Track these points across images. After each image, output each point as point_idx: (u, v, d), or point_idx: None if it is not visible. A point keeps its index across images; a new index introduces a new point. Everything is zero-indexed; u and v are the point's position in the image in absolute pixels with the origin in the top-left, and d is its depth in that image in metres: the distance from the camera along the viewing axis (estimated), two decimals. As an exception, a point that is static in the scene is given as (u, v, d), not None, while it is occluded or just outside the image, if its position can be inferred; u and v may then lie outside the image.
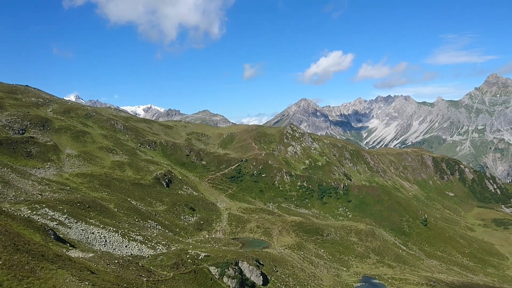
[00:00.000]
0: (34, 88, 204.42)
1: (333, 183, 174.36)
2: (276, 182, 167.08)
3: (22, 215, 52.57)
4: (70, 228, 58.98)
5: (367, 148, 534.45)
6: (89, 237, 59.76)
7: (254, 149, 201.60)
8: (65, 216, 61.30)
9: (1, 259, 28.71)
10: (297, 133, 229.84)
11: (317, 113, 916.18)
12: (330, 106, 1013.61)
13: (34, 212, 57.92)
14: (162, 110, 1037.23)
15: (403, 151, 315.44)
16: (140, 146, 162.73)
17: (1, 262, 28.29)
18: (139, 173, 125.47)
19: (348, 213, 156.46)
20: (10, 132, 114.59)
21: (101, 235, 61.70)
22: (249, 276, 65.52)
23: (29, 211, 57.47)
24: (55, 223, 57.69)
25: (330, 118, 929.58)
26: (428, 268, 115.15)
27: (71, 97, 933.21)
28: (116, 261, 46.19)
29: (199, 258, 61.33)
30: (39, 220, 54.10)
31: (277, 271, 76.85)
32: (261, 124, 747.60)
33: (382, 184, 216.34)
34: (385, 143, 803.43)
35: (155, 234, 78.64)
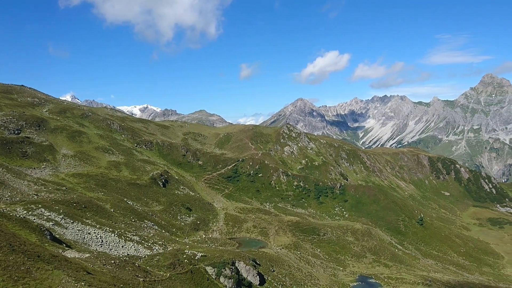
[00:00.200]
0: (30, 88, 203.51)
1: (329, 183, 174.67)
2: (273, 182, 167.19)
3: (17, 215, 52.35)
4: (66, 229, 58.78)
5: (363, 148, 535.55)
6: (86, 237, 59.57)
7: (250, 149, 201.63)
8: (61, 217, 61.06)
9: (-4, 260, 28.59)
10: (294, 133, 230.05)
11: (314, 113, 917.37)
12: (326, 106, 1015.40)
13: (30, 213, 57.68)
14: (158, 110, 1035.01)
15: (399, 150, 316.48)
16: (136, 146, 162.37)
17: (-4, 263, 28.17)
18: (136, 173, 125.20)
19: (344, 212, 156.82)
20: (6, 132, 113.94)
21: (98, 236, 61.52)
22: (245, 276, 65.55)
23: (24, 212, 57.22)
24: (51, 223, 57.48)
25: (326, 118, 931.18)
26: (424, 267, 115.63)
27: (67, 97, 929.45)
28: (113, 261, 46.09)
29: (196, 258, 61.29)
30: (35, 221, 53.88)
31: (273, 271, 76.94)
32: (257, 124, 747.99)
33: (379, 184, 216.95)
34: (381, 143, 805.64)
35: (151, 234, 78.51)
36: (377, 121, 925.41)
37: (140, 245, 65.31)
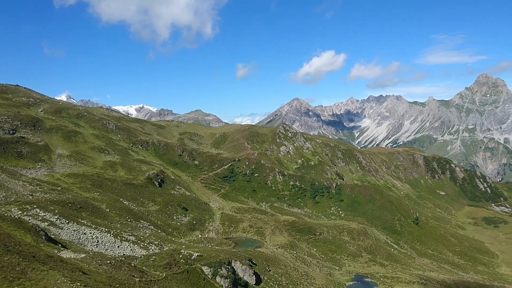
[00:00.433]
0: (25, 87, 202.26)
1: (325, 183, 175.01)
2: (269, 181, 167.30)
3: (12, 216, 52.10)
4: (61, 229, 58.55)
5: (359, 148, 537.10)
6: (81, 237, 59.37)
7: (246, 148, 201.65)
8: (56, 217, 60.82)
9: (-9, 260, 28.49)
10: (290, 132, 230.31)
11: (310, 112, 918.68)
12: (322, 106, 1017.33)
13: (25, 213, 57.42)
14: (154, 110, 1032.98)
15: (394, 150, 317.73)
16: (132, 146, 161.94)
17: (-9, 263, 28.07)
18: (132, 173, 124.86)
19: (340, 212, 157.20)
20: (0, 132, 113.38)
21: (93, 236, 61.32)
22: (242, 275, 65.57)
23: (19, 212, 56.95)
24: (46, 223, 57.24)
25: (322, 117, 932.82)
26: (419, 266, 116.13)
27: (62, 96, 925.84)
28: (108, 261, 45.99)
29: (192, 258, 61.25)
30: (30, 221, 53.65)
31: (270, 271, 77.01)
32: (253, 123, 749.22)
33: (374, 183, 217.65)
34: (377, 143, 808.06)
35: (147, 234, 78.36)
36: (372, 121, 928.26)
37: (136, 245, 65.15)
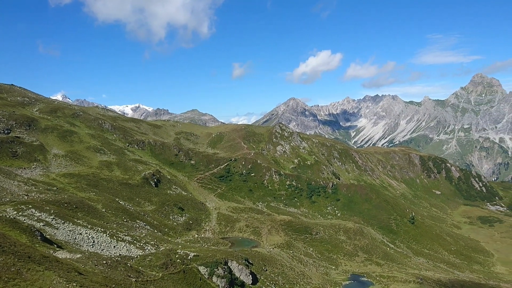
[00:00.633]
0: (20, 87, 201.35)
1: (321, 182, 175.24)
2: (265, 181, 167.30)
3: (7, 216, 51.78)
4: (57, 229, 58.27)
5: (355, 147, 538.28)
6: (77, 237, 59.12)
7: (243, 148, 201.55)
8: (52, 217, 60.53)
9: (-14, 261, 28.30)
10: (286, 132, 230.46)
11: (306, 112, 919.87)
12: (318, 106, 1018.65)
13: (20, 213, 57.09)
14: (150, 109, 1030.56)
15: (390, 150, 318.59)
16: (128, 146, 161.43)
17: (-14, 264, 27.88)
18: (127, 173, 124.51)
19: (336, 211, 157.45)
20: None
21: (89, 236, 61.09)
22: (238, 275, 65.53)
23: (15, 212, 56.62)
24: (41, 224, 56.94)
25: (318, 117, 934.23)
26: (415, 265, 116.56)
27: (57, 96, 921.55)
28: (104, 261, 45.81)
29: (188, 258, 61.15)
30: (25, 221, 53.35)
31: (266, 270, 77.02)
32: (250, 123, 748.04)
33: (370, 183, 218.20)
34: (373, 142, 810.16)
35: (143, 234, 78.15)
36: (369, 120, 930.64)
37: (132, 245, 64.97)
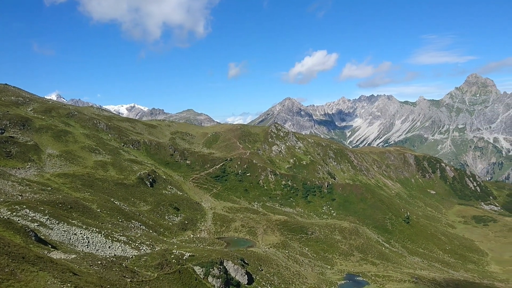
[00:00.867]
0: (14, 86, 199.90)
1: (317, 182, 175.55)
2: (261, 181, 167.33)
3: (1, 216, 51.48)
4: (51, 229, 57.98)
5: (350, 147, 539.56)
6: (72, 238, 58.85)
7: (238, 148, 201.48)
8: (46, 217, 60.20)
9: (-20, 262, 28.11)
10: (282, 132, 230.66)
11: (302, 112, 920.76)
12: (314, 105, 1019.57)
13: (14, 214, 56.73)
14: (145, 109, 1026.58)
15: (386, 150, 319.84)
16: (123, 146, 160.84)
17: (-20, 265, 27.70)
18: (123, 173, 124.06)
19: (332, 211, 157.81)
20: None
21: (84, 236, 60.83)
22: (234, 275, 65.53)
23: (9, 213, 56.26)
24: (36, 224, 56.63)
25: (314, 117, 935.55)
26: (410, 265, 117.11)
27: (52, 96, 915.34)
28: (99, 262, 45.66)
29: (184, 258, 61.05)
30: (19, 222, 53.03)
31: (262, 270, 77.06)
32: (245, 123, 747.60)
33: (366, 183, 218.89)
34: (368, 142, 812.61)
35: (139, 235, 77.94)
36: (364, 120, 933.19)
37: (127, 245, 64.77)
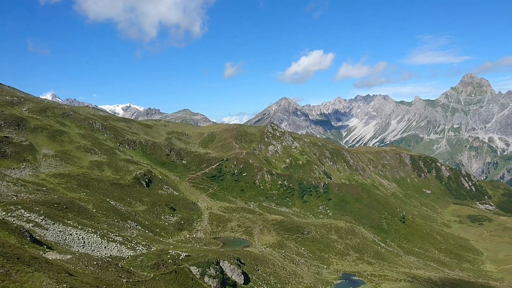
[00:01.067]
0: (8, 86, 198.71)
1: (313, 182, 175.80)
2: (257, 181, 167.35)
3: (-4, 217, 51.19)
4: (47, 230, 57.71)
5: (346, 147, 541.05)
6: (67, 238, 58.61)
7: (235, 148, 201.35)
8: (41, 218, 59.93)
9: (-26, 263, 27.94)
10: (278, 132, 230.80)
11: (298, 112, 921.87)
12: (310, 105, 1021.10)
13: (9, 214, 56.45)
14: (141, 109, 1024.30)
15: (381, 149, 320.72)
16: (119, 146, 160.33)
17: (-26, 266, 27.53)
18: (118, 173, 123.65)
19: (328, 211, 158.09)
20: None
21: (79, 236, 60.60)
22: (230, 275, 65.52)
23: (3, 213, 55.97)
24: (31, 224, 56.35)
25: (310, 117, 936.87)
26: (406, 264, 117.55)
27: (47, 95, 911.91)
28: (95, 262, 45.50)
29: (180, 258, 60.97)
30: (14, 222, 52.77)
31: (258, 270, 77.09)
32: (242, 123, 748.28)
33: (362, 182, 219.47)
34: (364, 142, 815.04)
35: (135, 235, 77.74)
36: (360, 120, 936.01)
37: (123, 245, 64.59)
